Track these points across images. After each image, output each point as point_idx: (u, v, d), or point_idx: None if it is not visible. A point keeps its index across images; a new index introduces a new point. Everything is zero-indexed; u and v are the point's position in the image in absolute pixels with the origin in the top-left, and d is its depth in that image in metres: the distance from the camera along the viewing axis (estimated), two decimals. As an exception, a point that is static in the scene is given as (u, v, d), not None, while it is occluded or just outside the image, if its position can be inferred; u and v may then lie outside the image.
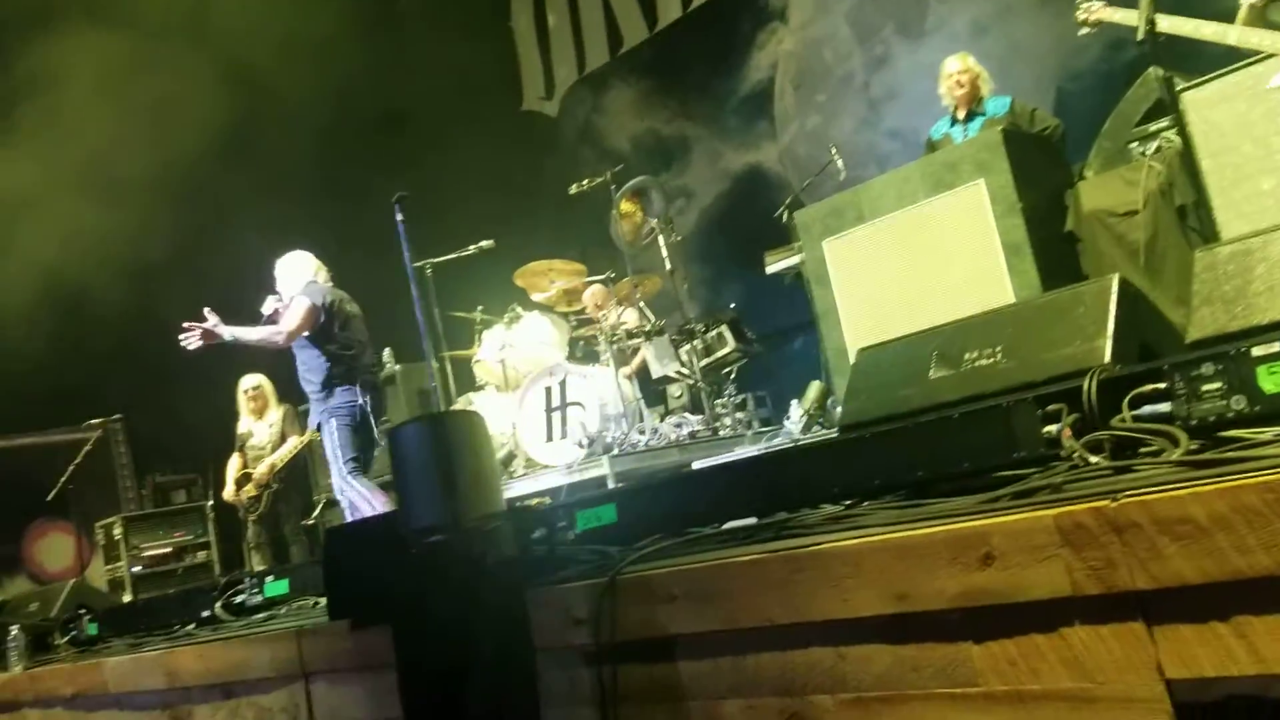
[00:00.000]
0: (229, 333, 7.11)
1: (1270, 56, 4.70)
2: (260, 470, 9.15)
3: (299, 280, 7.50)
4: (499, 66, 12.89)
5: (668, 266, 8.15)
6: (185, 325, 7.02)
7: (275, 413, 9.37)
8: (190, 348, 7.05)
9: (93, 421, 10.13)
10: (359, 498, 7.27)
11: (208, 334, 7.02)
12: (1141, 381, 2.31)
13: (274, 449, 9.17)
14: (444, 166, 11.03)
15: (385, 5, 12.13)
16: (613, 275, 8.27)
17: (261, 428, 9.33)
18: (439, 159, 11.13)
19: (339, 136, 11.28)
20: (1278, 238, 2.57)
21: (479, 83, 12.42)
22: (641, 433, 7.19)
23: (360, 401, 7.38)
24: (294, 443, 9.13)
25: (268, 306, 7.52)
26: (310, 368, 7.43)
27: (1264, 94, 4.73)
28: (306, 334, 7.31)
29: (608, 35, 12.04)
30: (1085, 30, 5.72)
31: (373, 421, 7.45)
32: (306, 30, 10.78)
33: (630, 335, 7.95)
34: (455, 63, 11.77)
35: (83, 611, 5.41)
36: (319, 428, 7.50)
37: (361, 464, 7.38)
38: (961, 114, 6.62)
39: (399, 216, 7.30)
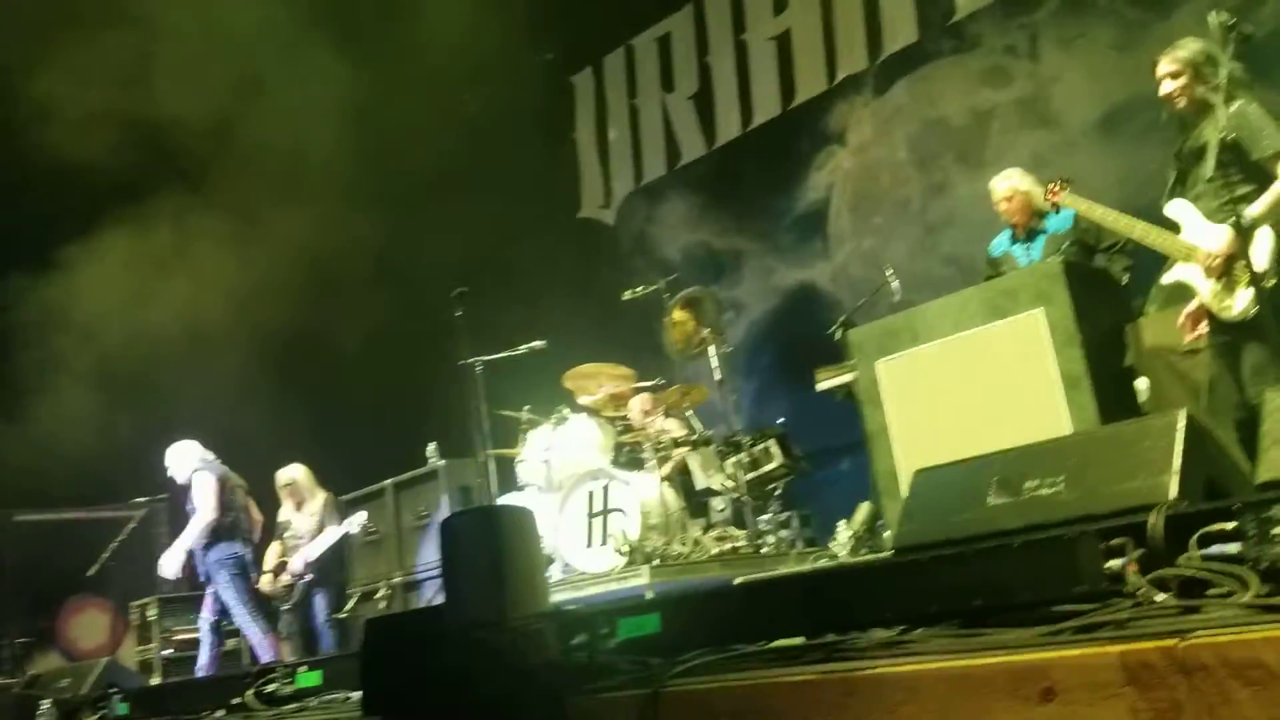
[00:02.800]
0: (181, 552, 8.74)
1: None
2: (294, 561, 9.14)
3: (191, 462, 8.90)
4: (560, 173, 13.08)
5: (717, 377, 8.14)
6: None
7: (315, 503, 9.37)
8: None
9: (138, 500, 10.19)
10: (258, 640, 8.66)
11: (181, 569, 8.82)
12: (1210, 520, 2.26)
13: (312, 538, 9.16)
14: (499, 267, 11.15)
15: (454, 108, 12.37)
16: (662, 381, 8.28)
17: (302, 518, 9.32)
18: (495, 259, 11.26)
19: (398, 230, 11.46)
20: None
21: (539, 188, 12.62)
22: (683, 544, 7.12)
23: (241, 553, 8.76)
24: (330, 536, 9.13)
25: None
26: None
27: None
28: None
29: (666, 149, 12.20)
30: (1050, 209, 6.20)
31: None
32: (374, 124, 11.05)
33: (676, 444, 7.92)
34: (518, 167, 11.98)
35: (114, 690, 5.38)
36: (207, 578, 8.81)
37: (258, 604, 8.82)
38: (1021, 232, 6.59)
39: (457, 312, 7.42)
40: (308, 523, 9.25)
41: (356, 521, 9.13)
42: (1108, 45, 8.40)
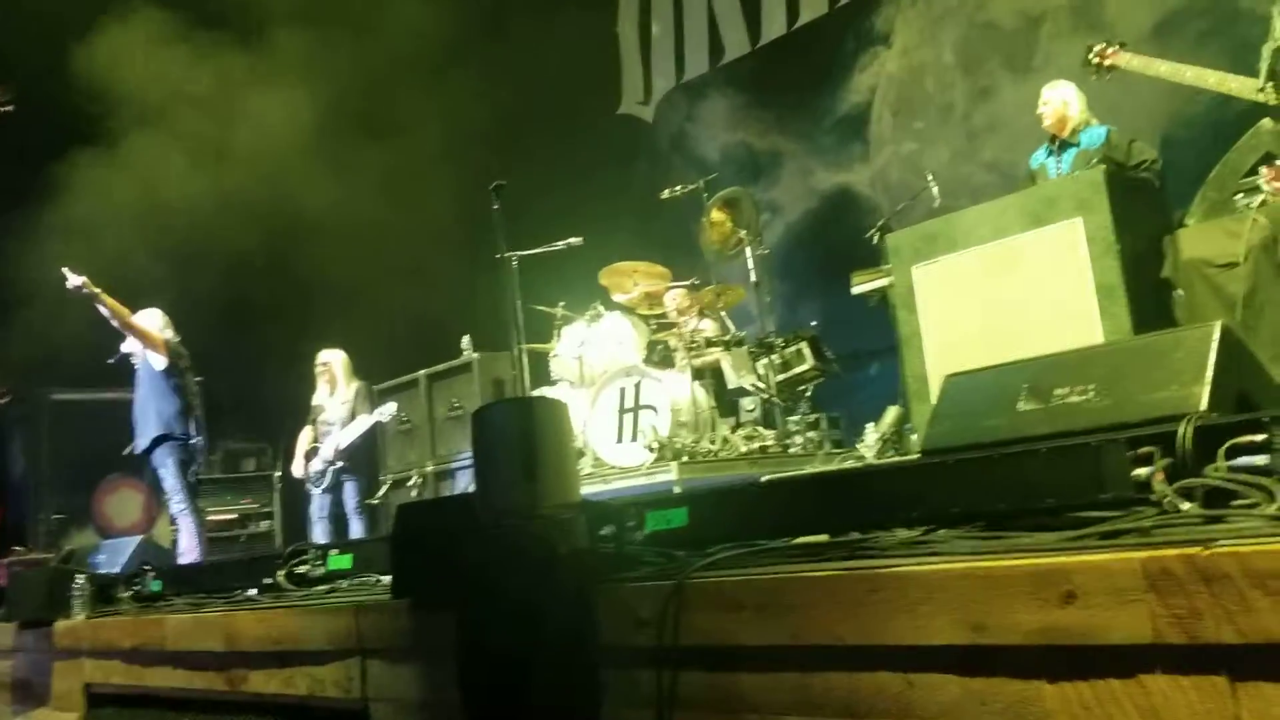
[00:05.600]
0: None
1: None
2: (325, 447, 9.24)
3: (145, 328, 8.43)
4: (600, 68, 12.93)
5: (753, 278, 8.12)
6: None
7: (348, 390, 9.43)
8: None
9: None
10: (190, 533, 8.30)
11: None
12: (1239, 432, 2.25)
13: (343, 425, 9.25)
14: (537, 161, 11.09)
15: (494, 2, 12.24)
16: (696, 282, 8.27)
17: (334, 403, 9.39)
18: (532, 154, 11.20)
19: (437, 120, 11.40)
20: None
21: (579, 82, 12.48)
22: (712, 442, 7.17)
23: (196, 440, 8.49)
24: (361, 424, 9.21)
25: (127, 346, 8.52)
26: (159, 407, 8.34)
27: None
28: (160, 367, 8.31)
29: (709, 46, 12.02)
30: (1094, 76, 6.13)
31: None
32: (417, 23, 10.96)
33: (709, 343, 7.94)
34: (557, 60, 11.84)
35: (147, 567, 5.50)
36: (153, 456, 8.38)
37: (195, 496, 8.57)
38: (1055, 143, 6.56)
39: (495, 205, 7.40)
40: (339, 409, 9.33)
41: (387, 411, 9.21)
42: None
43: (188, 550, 8.23)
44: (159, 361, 8.38)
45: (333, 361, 9.44)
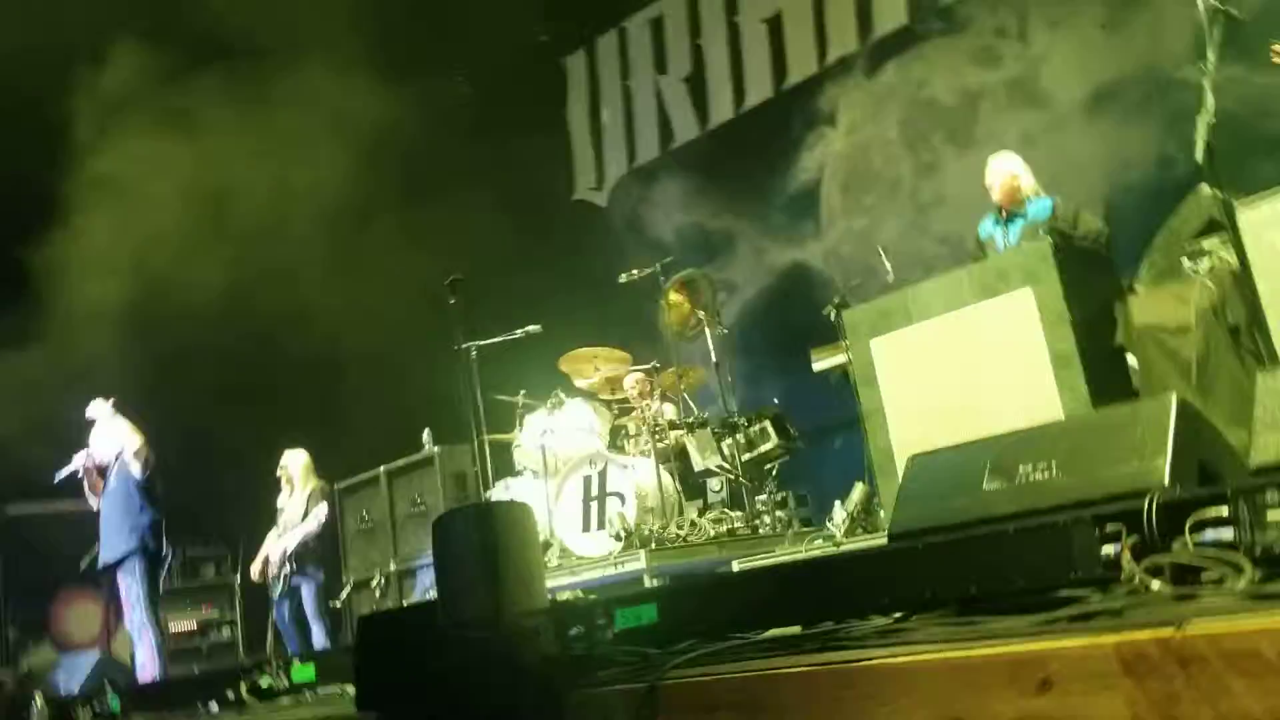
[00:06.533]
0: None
1: None
2: (273, 551, 9.05)
3: (122, 435, 8.19)
4: (553, 156, 13.04)
5: (713, 359, 8.12)
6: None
7: (304, 491, 9.19)
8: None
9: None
10: (149, 648, 7.85)
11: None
12: (1203, 505, 2.26)
13: (294, 528, 9.05)
14: (494, 250, 11.11)
15: (446, 92, 12.35)
16: (657, 365, 8.27)
17: (293, 504, 9.20)
18: (489, 243, 11.22)
19: (391, 214, 11.41)
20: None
21: (532, 170, 12.56)
22: (680, 527, 7.12)
23: (167, 552, 8.28)
24: (307, 527, 9.06)
25: (78, 461, 8.26)
26: (133, 520, 8.02)
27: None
28: (139, 478, 8.06)
29: (659, 130, 12.20)
30: None
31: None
32: (366, 113, 11.02)
33: (673, 426, 7.93)
34: (511, 150, 11.93)
35: (107, 685, 5.37)
36: (120, 568, 8.00)
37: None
38: (1003, 215, 6.62)
39: (452, 300, 7.41)
40: (295, 511, 9.12)
41: (318, 516, 9.02)
42: (1094, 25, 8.38)
43: (147, 663, 7.92)
44: (138, 470, 8.09)
45: (290, 463, 9.27)
